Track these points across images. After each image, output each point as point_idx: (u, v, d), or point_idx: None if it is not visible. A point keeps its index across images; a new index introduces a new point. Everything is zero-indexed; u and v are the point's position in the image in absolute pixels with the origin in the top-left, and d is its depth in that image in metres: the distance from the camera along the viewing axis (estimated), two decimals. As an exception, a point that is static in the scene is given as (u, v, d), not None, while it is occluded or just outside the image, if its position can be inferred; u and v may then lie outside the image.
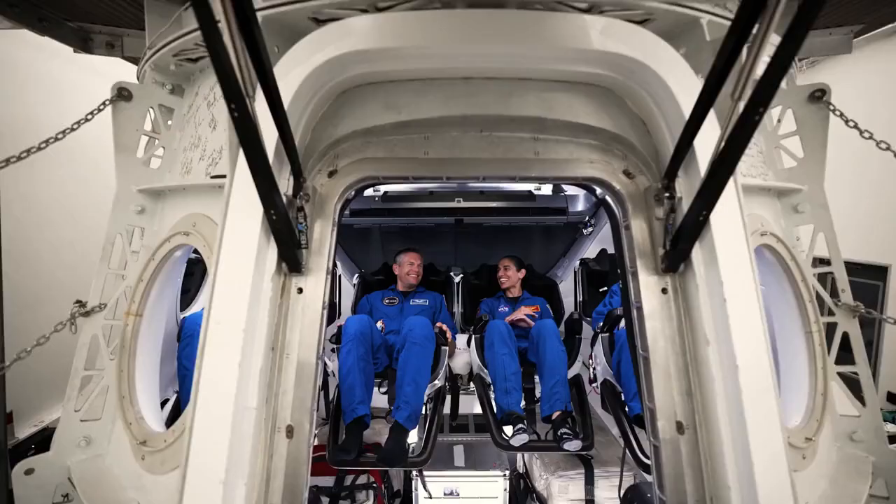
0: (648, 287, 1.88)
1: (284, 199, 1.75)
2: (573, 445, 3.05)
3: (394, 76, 1.87)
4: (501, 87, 1.88)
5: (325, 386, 3.78)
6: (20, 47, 4.41)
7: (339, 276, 4.24)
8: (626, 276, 2.28)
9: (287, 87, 1.68)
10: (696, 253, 1.73)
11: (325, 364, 3.74)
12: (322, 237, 1.91)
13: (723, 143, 1.42)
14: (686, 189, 1.75)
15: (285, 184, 1.76)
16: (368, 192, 4.36)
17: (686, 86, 1.71)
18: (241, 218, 1.66)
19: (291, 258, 1.77)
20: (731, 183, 1.60)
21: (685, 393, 1.80)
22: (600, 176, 1.95)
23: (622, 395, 3.26)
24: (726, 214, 1.66)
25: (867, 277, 6.04)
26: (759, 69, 1.15)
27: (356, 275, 4.54)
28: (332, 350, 3.63)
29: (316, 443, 4.38)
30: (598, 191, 2.42)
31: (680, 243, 1.73)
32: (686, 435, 1.78)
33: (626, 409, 3.15)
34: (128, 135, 2.38)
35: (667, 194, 1.78)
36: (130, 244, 2.42)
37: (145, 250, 2.36)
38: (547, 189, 4.46)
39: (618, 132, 1.91)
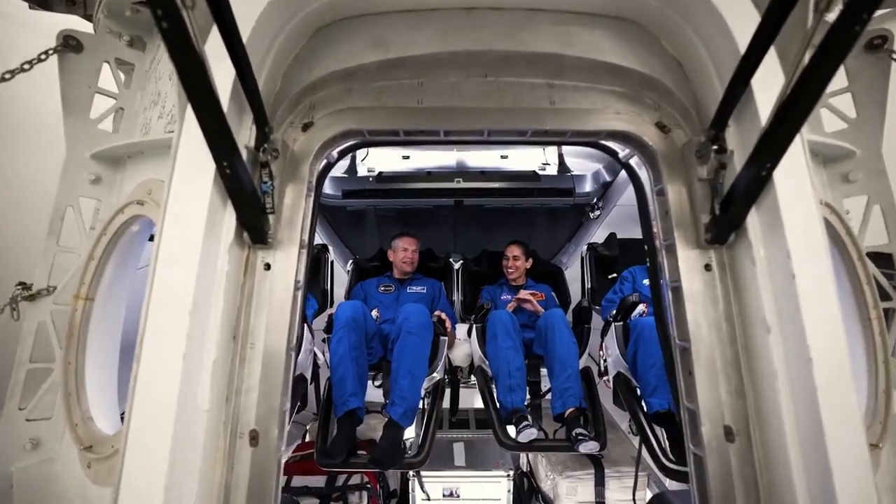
0: (688, 263, 1.52)
1: (245, 152, 1.39)
2: (589, 447, 2.70)
3: (381, 5, 1.50)
4: (510, 18, 1.50)
5: (315, 379, 3.43)
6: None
7: (332, 261, 3.87)
8: (655, 253, 1.92)
9: (245, 17, 1.32)
10: (753, 219, 1.36)
11: (316, 355, 3.39)
12: (295, 203, 1.55)
13: (796, 76, 1.06)
14: (740, 141, 1.39)
15: (246, 134, 1.40)
16: (362, 171, 4.00)
17: (741, 12, 1.35)
18: (189, 174, 1.30)
19: (254, 226, 1.41)
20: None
21: (735, 392, 1.44)
22: (628, 129, 1.58)
23: (637, 389, 2.91)
24: (793, 170, 1.30)
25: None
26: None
27: (350, 261, 4.18)
28: (324, 340, 3.28)
29: (308, 439, 4.06)
30: (622, 153, 2.06)
31: (732, 207, 1.36)
32: (737, 443, 1.42)
33: (643, 405, 2.81)
34: (78, 92, 2.00)
35: (714, 147, 1.41)
36: (83, 218, 2.06)
37: (101, 225, 1.99)
38: (552, 169, 4.09)
39: (650, 74, 1.54)
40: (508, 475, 3.39)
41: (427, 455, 2.84)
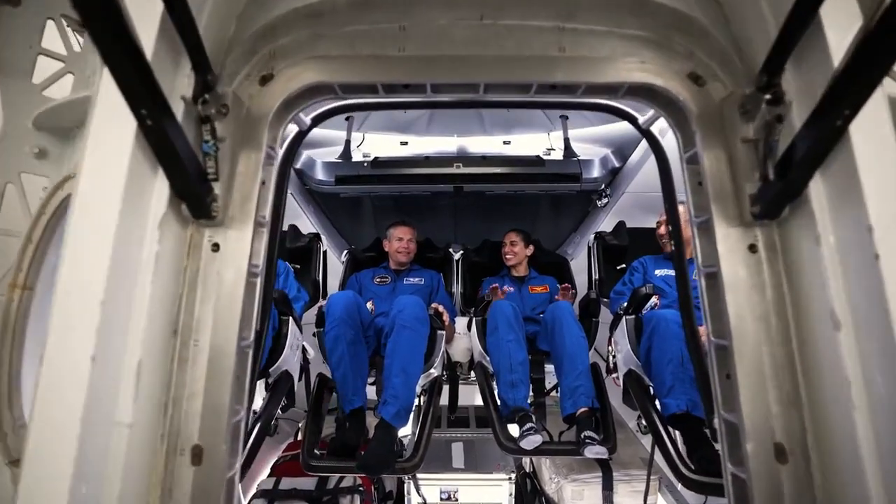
0: (729, 244, 1.21)
1: (182, 105, 1.09)
2: (598, 452, 2.40)
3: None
4: (512, -60, 1.20)
5: (305, 374, 3.15)
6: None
7: (325, 252, 3.58)
8: (680, 235, 1.62)
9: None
10: (817, 186, 1.05)
11: (306, 350, 3.11)
12: (251, 173, 1.25)
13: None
14: (801, 88, 1.07)
15: (183, 84, 1.10)
16: (357, 156, 3.70)
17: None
18: (104, 131, 1.01)
19: (193, 196, 1.11)
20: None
21: (788, 402, 1.13)
22: (654, 82, 1.27)
23: (651, 388, 2.61)
24: (876, 123, 0.98)
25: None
26: None
27: (345, 251, 3.88)
28: (313, 335, 3.00)
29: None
30: (642, 119, 1.75)
31: (791, 171, 1.05)
32: (790, 465, 1.12)
33: (657, 405, 2.50)
34: (16, 52, 1.71)
35: (767, 97, 1.09)
36: (28, 198, 1.77)
37: (40, 203, 1.71)
38: (558, 154, 3.77)
39: (682, 10, 1.22)
40: (510, 478, 3.10)
41: (421, 458, 2.55)
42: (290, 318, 2.70)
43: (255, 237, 1.26)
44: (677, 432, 2.42)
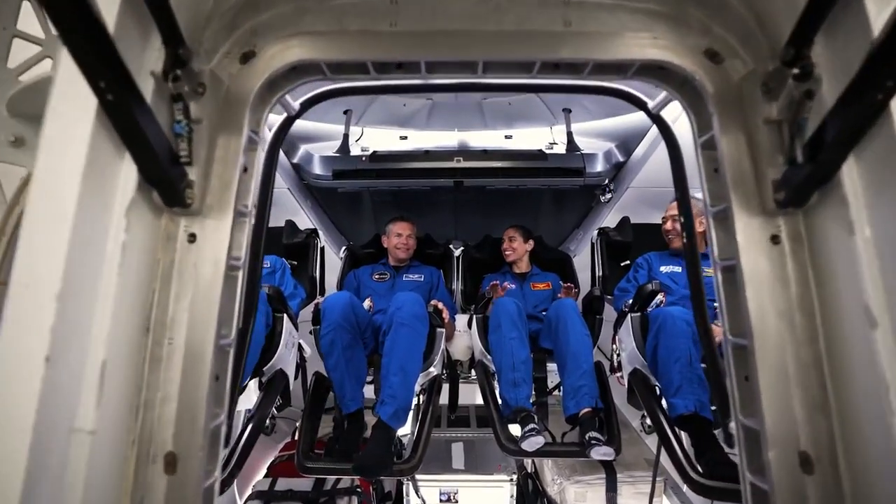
0: (749, 234, 1.10)
1: (151, 82, 0.99)
2: (604, 454, 2.30)
3: None
4: None
5: (302, 373, 3.06)
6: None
7: (323, 248, 3.48)
8: (692, 226, 1.51)
9: None
10: (850, 169, 0.94)
11: (302, 348, 3.01)
12: (231, 158, 1.14)
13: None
14: (833, 62, 0.96)
15: (153, 58, 1.00)
16: (355, 150, 3.60)
17: None
18: (65, 109, 0.91)
19: (164, 182, 1.01)
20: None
21: (815, 406, 1.03)
22: (668, 59, 1.16)
23: (657, 388, 2.50)
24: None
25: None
26: None
27: (343, 248, 3.78)
28: (310, 332, 2.90)
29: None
30: (652, 103, 1.64)
31: (822, 153, 0.94)
32: (817, 475, 1.01)
33: (664, 405, 2.39)
34: (-9, 35, 1.62)
35: (794, 72, 0.99)
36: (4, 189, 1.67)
37: (13, 194, 1.61)
38: (560, 149, 3.66)
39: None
40: (511, 479, 3.00)
41: (420, 459, 2.45)
42: (285, 315, 2.60)
43: (236, 228, 1.16)
44: (684, 434, 2.32)
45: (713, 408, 2.33)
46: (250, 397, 2.51)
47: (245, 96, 1.16)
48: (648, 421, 3.68)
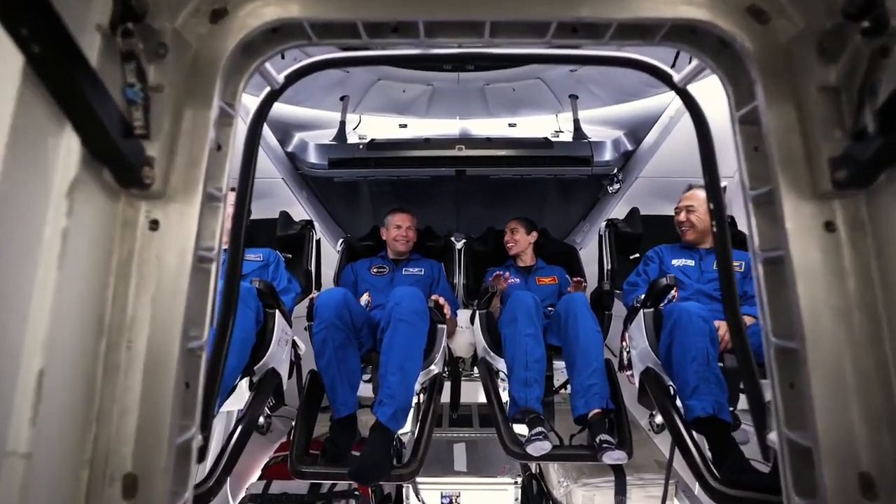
0: (798, 221, 0.95)
1: (97, 38, 0.83)
2: (617, 458, 2.16)
3: None
4: None
5: (297, 371, 2.92)
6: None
7: (319, 240, 3.32)
8: (721, 214, 1.35)
9: None
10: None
11: (296, 344, 2.87)
12: (199, 132, 0.99)
13: None
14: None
15: (101, 8, 0.84)
16: (352, 138, 3.44)
17: None
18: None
19: (116, 158, 0.85)
20: None
21: (880, 421, 0.88)
22: (704, 18, 1.00)
23: (672, 388, 2.36)
24: None
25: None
26: None
27: (341, 240, 3.62)
28: (305, 328, 2.76)
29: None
30: (679, 77, 1.48)
31: (897, 121, 0.79)
32: (882, 501, 0.87)
33: (679, 408, 2.25)
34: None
35: (864, 25, 0.83)
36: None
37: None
38: (567, 136, 3.50)
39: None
40: (516, 482, 2.87)
41: (421, 463, 2.31)
42: (277, 311, 2.46)
43: (207, 213, 1.01)
44: (699, 436, 2.18)
45: (732, 409, 2.19)
46: (242, 397, 2.37)
47: (216, 61, 1.00)
48: (657, 420, 3.55)
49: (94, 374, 0.89)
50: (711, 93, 1.42)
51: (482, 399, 3.42)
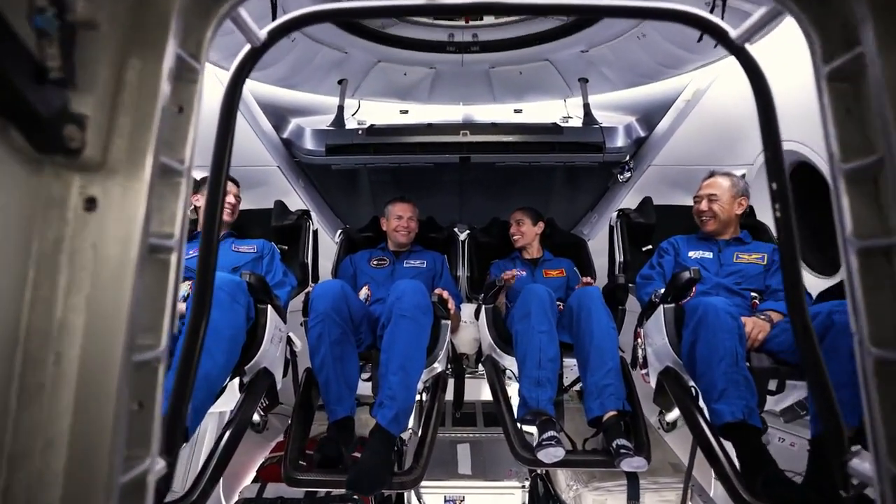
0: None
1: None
2: (637, 466, 1.96)
3: None
4: None
5: (293, 369, 2.70)
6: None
7: (316, 231, 3.10)
8: (786, 197, 1.11)
9: None
10: None
11: (292, 341, 2.65)
12: (148, 87, 0.76)
13: None
14: None
15: None
16: (351, 124, 3.20)
17: None
18: None
19: (22, 112, 0.63)
20: None
21: None
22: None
23: (694, 389, 2.15)
24: None
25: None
26: None
27: (339, 231, 3.40)
28: (301, 324, 2.54)
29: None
30: (736, 32, 1.23)
31: None
32: None
33: (703, 411, 2.04)
34: None
35: None
36: None
37: None
38: (577, 121, 3.27)
39: None
40: (523, 486, 2.67)
41: (424, 469, 2.11)
42: (270, 306, 2.23)
43: (163, 190, 0.79)
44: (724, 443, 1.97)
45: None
46: (233, 398, 2.15)
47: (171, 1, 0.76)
48: (668, 418, 3.36)
49: (5, 399, 0.67)
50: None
51: (486, 397, 3.22)
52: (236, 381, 2.16)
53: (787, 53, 1.83)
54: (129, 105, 0.75)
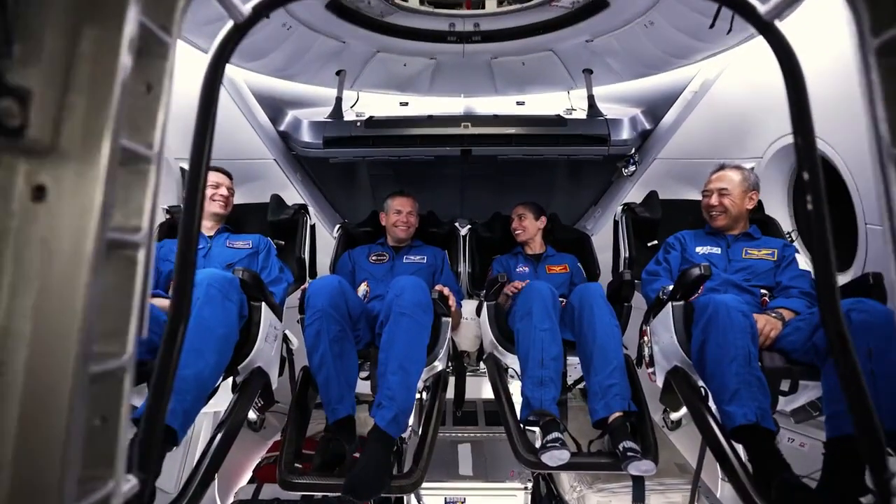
0: None
1: None
2: (645, 470, 1.88)
3: None
4: None
5: (289, 367, 2.62)
6: None
7: (313, 225, 3.00)
8: (818, 187, 1.01)
9: None
10: None
11: (288, 339, 2.56)
12: (104, 62, 0.66)
13: None
14: None
15: None
16: (349, 116, 3.10)
17: None
18: None
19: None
20: None
21: None
22: None
23: (703, 389, 2.06)
24: None
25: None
26: None
27: (338, 226, 3.30)
28: (298, 321, 2.46)
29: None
30: (765, 7, 1.13)
31: None
32: None
33: (714, 413, 1.94)
34: None
35: None
36: None
37: None
38: (580, 114, 3.16)
39: None
40: (526, 487, 2.58)
41: (424, 471, 2.03)
42: (264, 304, 2.14)
43: (128, 178, 0.69)
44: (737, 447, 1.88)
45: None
46: (227, 399, 2.07)
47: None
48: (673, 416, 3.27)
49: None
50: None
51: (488, 395, 3.13)
52: (230, 381, 2.07)
53: (797, 44, 1.74)
54: (83, 80, 0.65)
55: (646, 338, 2.47)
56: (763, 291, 2.41)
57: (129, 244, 0.71)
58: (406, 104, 3.40)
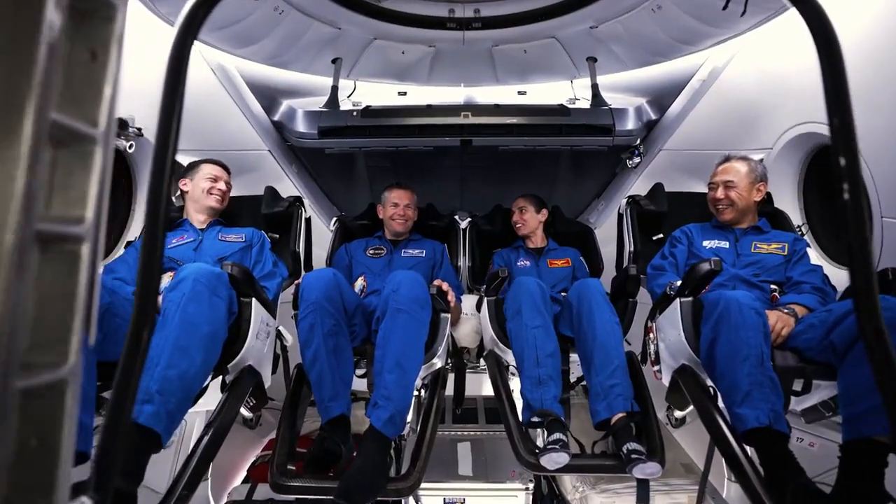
0: None
1: None
2: (650, 472, 1.78)
3: None
4: None
5: (284, 364, 2.52)
6: None
7: (309, 218, 2.89)
8: (857, 178, 0.89)
9: None
10: None
11: (281, 335, 2.46)
12: (21, 13, 0.55)
13: None
14: None
15: None
16: (346, 106, 2.98)
17: None
18: None
19: None
20: None
21: None
22: None
23: (713, 389, 1.95)
24: None
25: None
26: None
27: (334, 219, 3.19)
28: (292, 317, 2.36)
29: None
30: None
31: None
32: None
33: (726, 415, 1.84)
34: None
35: None
36: None
37: None
38: (584, 103, 3.04)
39: None
40: (527, 488, 2.49)
41: (422, 473, 1.93)
42: (254, 300, 2.04)
43: (66, 159, 0.58)
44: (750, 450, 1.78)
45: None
46: (215, 399, 1.97)
47: None
48: (677, 414, 3.16)
49: None
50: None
51: (488, 392, 3.04)
52: (219, 380, 1.97)
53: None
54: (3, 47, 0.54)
55: (651, 334, 2.36)
56: (773, 287, 2.30)
57: (71, 237, 0.60)
58: (404, 94, 3.28)
